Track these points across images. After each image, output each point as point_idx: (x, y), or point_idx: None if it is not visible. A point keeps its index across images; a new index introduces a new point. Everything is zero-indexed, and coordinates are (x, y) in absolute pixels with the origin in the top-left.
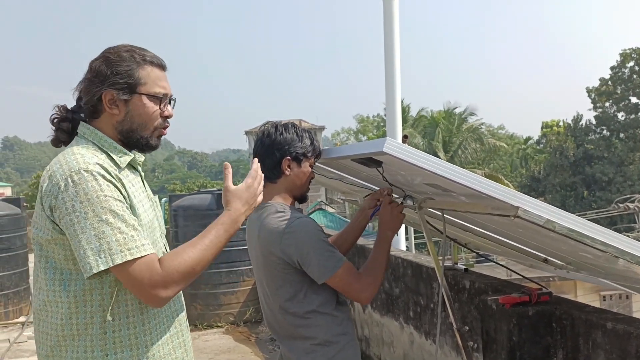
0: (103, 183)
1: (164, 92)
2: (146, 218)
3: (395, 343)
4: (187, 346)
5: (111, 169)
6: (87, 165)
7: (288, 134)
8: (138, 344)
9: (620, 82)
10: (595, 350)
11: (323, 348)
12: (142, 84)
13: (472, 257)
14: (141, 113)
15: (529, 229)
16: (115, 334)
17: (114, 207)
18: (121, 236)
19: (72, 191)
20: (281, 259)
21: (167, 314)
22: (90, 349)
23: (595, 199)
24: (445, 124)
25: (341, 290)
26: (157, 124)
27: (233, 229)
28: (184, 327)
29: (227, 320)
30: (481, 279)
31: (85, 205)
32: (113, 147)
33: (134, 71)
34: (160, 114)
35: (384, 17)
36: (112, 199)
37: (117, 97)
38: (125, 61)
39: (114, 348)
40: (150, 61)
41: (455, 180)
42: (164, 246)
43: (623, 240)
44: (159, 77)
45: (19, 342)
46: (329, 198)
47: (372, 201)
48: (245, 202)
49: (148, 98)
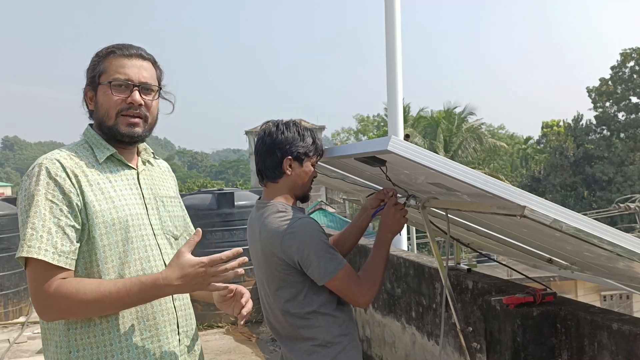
0: (43, 179)
1: (124, 77)
2: (116, 213)
3: (397, 343)
4: (165, 352)
5: (72, 165)
6: (44, 160)
7: (289, 133)
8: (97, 343)
9: (621, 82)
10: (601, 352)
11: (324, 349)
12: (103, 74)
13: (473, 257)
14: (103, 102)
15: (534, 228)
16: (77, 331)
17: (40, 204)
18: (30, 232)
19: (23, 184)
20: (282, 259)
21: (140, 315)
22: (59, 344)
23: (595, 199)
24: (446, 124)
25: (340, 294)
26: (118, 109)
27: (148, 296)
28: (164, 333)
29: (227, 321)
30: (484, 279)
31: (23, 199)
32: (99, 144)
33: (98, 64)
34: (124, 100)
35: (385, 16)
36: (43, 196)
37: (89, 92)
38: (95, 57)
39: (75, 345)
40: (112, 51)
41: (460, 179)
42: (157, 246)
43: (631, 240)
44: (121, 65)
45: (18, 342)
46: (329, 198)
47: (375, 201)
48: (183, 275)
49: (109, 87)
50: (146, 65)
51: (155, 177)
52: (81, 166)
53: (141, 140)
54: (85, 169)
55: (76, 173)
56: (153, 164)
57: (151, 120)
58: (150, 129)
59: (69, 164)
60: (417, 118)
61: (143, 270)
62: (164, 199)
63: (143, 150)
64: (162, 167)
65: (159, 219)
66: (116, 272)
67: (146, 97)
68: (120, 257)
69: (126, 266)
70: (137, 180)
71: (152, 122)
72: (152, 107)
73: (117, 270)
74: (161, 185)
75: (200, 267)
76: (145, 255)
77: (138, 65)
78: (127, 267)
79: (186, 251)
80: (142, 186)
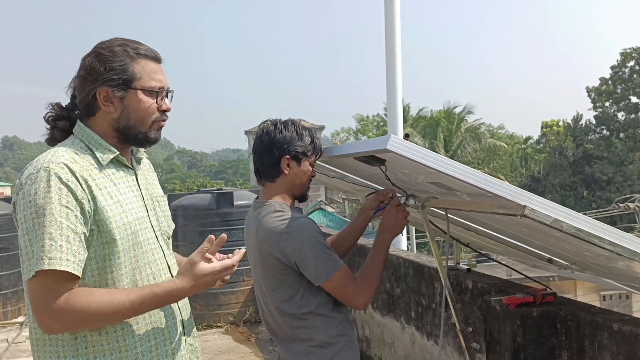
0: (55, 185)
1: (160, 85)
2: (126, 218)
3: (397, 343)
4: (177, 355)
5: (79, 169)
6: (50, 164)
7: (287, 132)
8: (112, 350)
9: (621, 82)
10: (601, 352)
11: (321, 349)
12: (137, 79)
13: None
14: (138, 109)
15: (534, 228)
16: (87, 339)
17: (55, 212)
18: (48, 242)
19: (27, 189)
20: (278, 259)
21: (152, 320)
22: (62, 354)
23: (595, 198)
24: (445, 124)
25: (336, 295)
26: (155, 118)
27: (161, 305)
28: (174, 335)
29: (226, 320)
30: (484, 279)
31: (31, 206)
32: (98, 145)
33: (128, 66)
34: (158, 107)
35: (385, 16)
36: (58, 203)
37: (112, 94)
38: (118, 56)
39: (86, 354)
40: (144, 54)
41: (460, 178)
42: (160, 248)
43: (631, 240)
44: (154, 71)
45: (17, 342)
46: (329, 198)
47: (375, 202)
48: (196, 284)
49: (144, 93)
50: (163, 69)
51: (147, 176)
52: (88, 170)
53: None
54: (92, 173)
55: (85, 178)
56: (142, 162)
57: None
58: None
59: (76, 168)
60: (416, 118)
61: (153, 275)
62: (159, 198)
63: (136, 149)
64: (147, 164)
65: (157, 220)
66: (128, 278)
67: None
68: (132, 263)
69: (137, 272)
70: (136, 182)
71: None
72: None
73: (129, 277)
74: (153, 184)
75: (213, 275)
76: (153, 259)
77: (163, 71)
78: (139, 272)
79: (199, 260)
80: (141, 187)
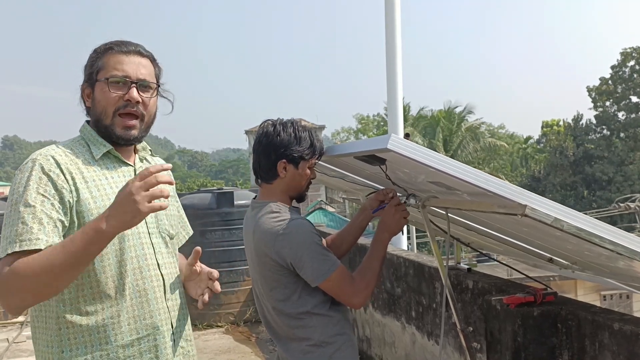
0: (36, 174)
1: (122, 74)
2: None
3: (397, 343)
4: (160, 352)
5: (67, 161)
6: (38, 156)
7: (285, 135)
8: (92, 342)
9: (621, 82)
10: (602, 352)
11: (319, 349)
12: (100, 71)
13: (474, 256)
14: (100, 99)
15: (534, 227)
16: (69, 330)
17: (30, 199)
18: (21, 227)
19: (15, 179)
20: (275, 260)
21: (135, 314)
22: (50, 344)
23: (595, 198)
24: (446, 123)
25: (334, 295)
26: (116, 107)
27: (91, 237)
28: (160, 332)
29: (227, 320)
30: (485, 279)
31: (13, 194)
32: (94, 139)
33: (95, 61)
34: (121, 97)
35: (385, 16)
36: (35, 191)
37: (86, 89)
38: (92, 54)
39: (68, 345)
40: (110, 48)
41: (461, 178)
42: (151, 244)
43: (632, 239)
44: (119, 61)
45: (17, 341)
46: (329, 197)
47: (375, 202)
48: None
49: (106, 84)
50: (144, 62)
51: None
52: (76, 163)
53: (138, 141)
54: (80, 166)
55: (71, 170)
56: (150, 162)
57: (148, 119)
58: (147, 129)
59: (63, 161)
60: (417, 117)
61: (140, 269)
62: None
63: (141, 149)
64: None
65: (154, 217)
66: (113, 270)
67: (144, 94)
68: (117, 255)
69: (122, 264)
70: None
71: (149, 120)
72: (149, 105)
73: (114, 269)
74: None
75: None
76: (142, 253)
77: (136, 62)
78: (124, 265)
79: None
80: None
